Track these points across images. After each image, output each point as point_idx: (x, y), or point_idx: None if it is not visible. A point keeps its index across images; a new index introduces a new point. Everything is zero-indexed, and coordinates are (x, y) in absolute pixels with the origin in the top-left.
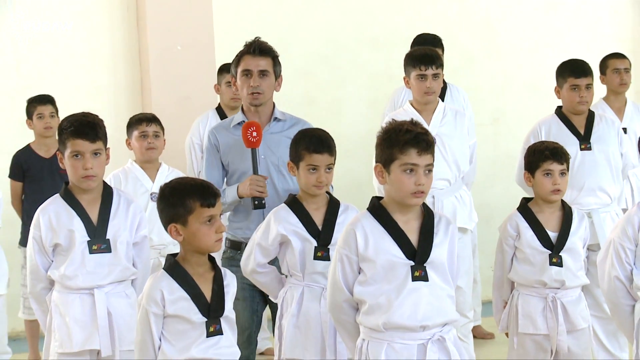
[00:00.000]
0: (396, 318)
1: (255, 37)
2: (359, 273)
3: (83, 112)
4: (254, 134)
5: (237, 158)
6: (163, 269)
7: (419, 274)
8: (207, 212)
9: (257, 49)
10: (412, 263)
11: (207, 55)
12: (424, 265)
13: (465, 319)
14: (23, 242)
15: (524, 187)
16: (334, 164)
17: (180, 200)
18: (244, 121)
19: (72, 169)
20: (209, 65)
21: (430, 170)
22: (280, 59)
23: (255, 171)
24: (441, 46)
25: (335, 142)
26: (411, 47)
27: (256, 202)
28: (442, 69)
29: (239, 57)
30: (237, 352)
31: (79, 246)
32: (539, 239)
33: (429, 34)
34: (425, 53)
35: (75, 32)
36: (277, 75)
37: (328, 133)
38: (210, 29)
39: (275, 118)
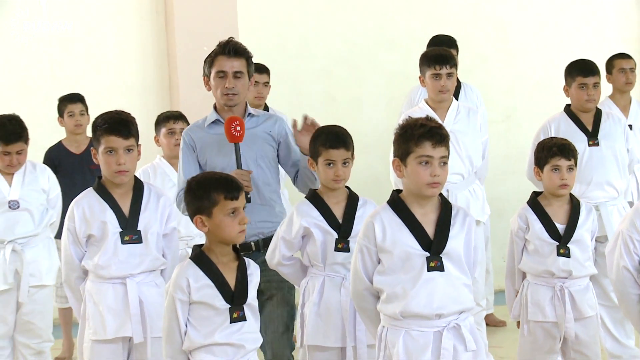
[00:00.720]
0: (412, 307)
1: (229, 38)
2: (378, 263)
3: (116, 110)
4: (238, 128)
5: (214, 155)
6: (189, 258)
7: (435, 264)
8: (231, 205)
9: (232, 50)
10: (428, 254)
11: None
12: (440, 256)
13: (479, 307)
14: (58, 234)
15: (534, 181)
16: (350, 159)
17: (206, 193)
18: (218, 120)
19: (106, 164)
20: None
21: (445, 163)
22: (302, 59)
23: (239, 166)
24: (456, 47)
25: (352, 138)
26: (427, 47)
27: None
28: (456, 69)
29: (212, 58)
30: (259, 338)
31: (111, 237)
32: (547, 231)
33: (444, 35)
34: (439, 53)
35: (106, 34)
36: (250, 76)
37: (345, 129)
38: (235, 31)
39: (249, 114)
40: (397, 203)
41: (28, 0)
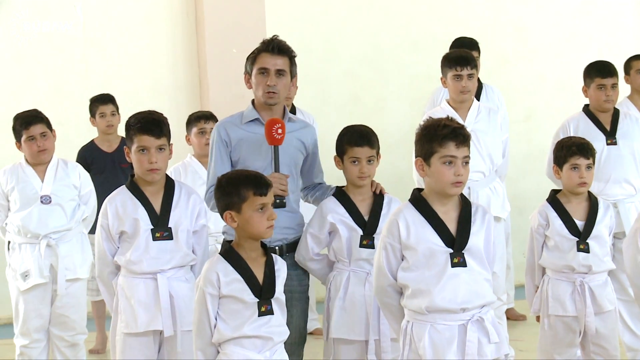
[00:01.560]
0: (438, 301)
1: (273, 35)
2: (402, 260)
3: (149, 110)
4: (279, 131)
5: (250, 154)
6: (219, 253)
7: (458, 260)
8: (260, 200)
9: (276, 47)
10: (451, 250)
11: None
12: (462, 252)
13: (500, 301)
14: (92, 230)
15: (553, 179)
16: (375, 157)
17: (235, 189)
18: (258, 119)
19: (138, 163)
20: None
21: (467, 162)
22: (327, 61)
23: (277, 169)
24: (477, 49)
25: (378, 137)
26: (450, 49)
27: (277, 201)
28: (477, 70)
29: (255, 55)
30: (287, 331)
31: (143, 234)
32: (567, 228)
33: (466, 37)
34: (460, 55)
35: (138, 37)
36: (293, 75)
37: (370, 128)
38: (263, 33)
39: (290, 119)
40: (419, 201)
41: (63, 4)
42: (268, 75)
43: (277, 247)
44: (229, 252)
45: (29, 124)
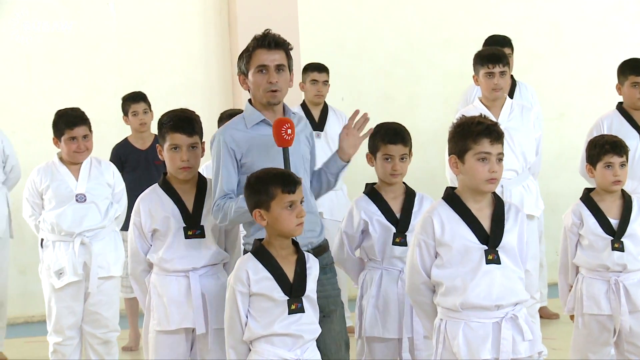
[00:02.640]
0: (472, 298)
1: (266, 30)
2: (436, 257)
3: (181, 108)
4: (289, 131)
5: (260, 159)
6: (250, 252)
7: (492, 257)
8: (288, 198)
9: (272, 42)
10: (486, 247)
11: (292, 55)
12: (496, 249)
13: (533, 299)
14: (124, 227)
15: (586, 178)
16: (408, 155)
17: (264, 187)
18: (263, 120)
19: (171, 161)
20: (295, 65)
21: (501, 159)
22: (360, 59)
23: None
24: (510, 46)
25: (410, 135)
26: (483, 47)
27: None
28: (509, 67)
29: (250, 52)
30: (318, 329)
31: (175, 232)
32: (601, 226)
33: (499, 35)
34: (492, 52)
35: (172, 35)
36: (291, 70)
37: (403, 126)
38: (295, 32)
39: (293, 114)
40: (453, 199)
41: (96, 2)
42: (268, 72)
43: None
44: (260, 250)
45: (74, 124)
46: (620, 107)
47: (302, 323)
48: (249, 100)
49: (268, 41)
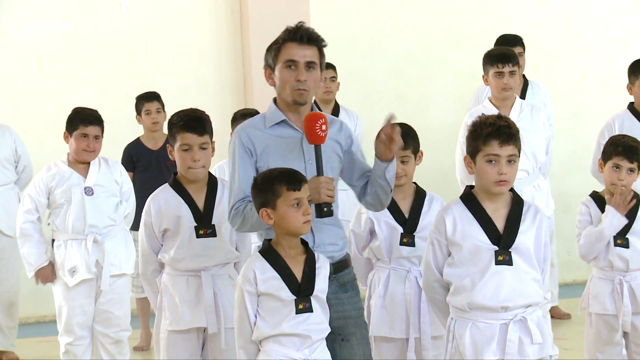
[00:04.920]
0: (479, 298)
1: (299, 22)
2: (449, 256)
3: (192, 108)
4: (324, 127)
5: (278, 162)
6: (258, 251)
7: (503, 258)
8: (294, 195)
9: (305, 36)
10: (496, 248)
11: None
12: (509, 250)
13: (544, 300)
14: (134, 226)
15: (598, 178)
16: (412, 157)
17: (269, 186)
18: (284, 120)
19: (181, 161)
20: None
21: (514, 161)
22: (372, 58)
23: (320, 172)
24: (522, 45)
25: (418, 137)
26: (494, 46)
27: (325, 209)
28: (519, 67)
29: (279, 45)
30: (327, 329)
31: (186, 231)
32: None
33: (510, 34)
34: (501, 52)
35: (183, 35)
36: (322, 68)
37: (407, 128)
38: None
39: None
40: (469, 198)
41: (109, 2)
42: (297, 68)
43: None
44: (268, 250)
45: (89, 122)
46: (631, 106)
47: (311, 323)
48: (274, 99)
49: (300, 35)
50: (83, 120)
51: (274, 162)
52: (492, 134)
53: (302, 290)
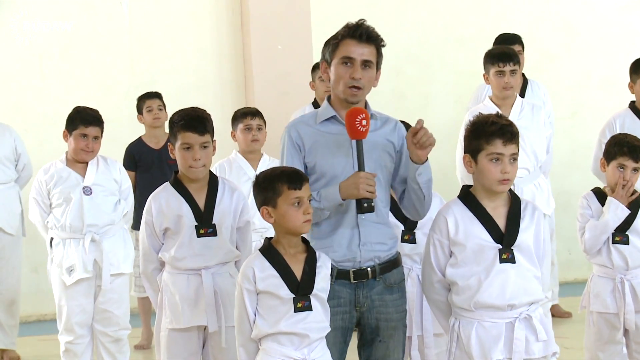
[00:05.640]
0: (485, 298)
1: (360, 20)
2: (450, 256)
3: (192, 107)
4: (364, 122)
5: (328, 157)
6: (259, 250)
7: (507, 256)
8: (294, 194)
9: (364, 34)
10: (500, 246)
11: (305, 54)
12: (511, 248)
13: (545, 298)
14: (135, 226)
15: (599, 176)
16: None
17: (270, 184)
18: (334, 116)
19: (182, 160)
20: (307, 64)
21: (515, 159)
22: None
23: (361, 167)
24: (520, 43)
25: None
26: (493, 45)
27: (365, 205)
28: (520, 66)
29: (338, 41)
30: (326, 328)
31: (187, 230)
32: None
33: (509, 33)
34: (502, 51)
35: (184, 34)
36: (379, 68)
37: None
38: (308, 31)
39: (372, 115)
40: (468, 197)
41: (110, 3)
42: (353, 66)
43: (368, 269)
44: (268, 248)
45: (89, 123)
46: (632, 105)
47: (309, 322)
48: (328, 97)
49: (360, 32)
50: (83, 121)
51: (322, 157)
52: (495, 133)
53: (301, 289)
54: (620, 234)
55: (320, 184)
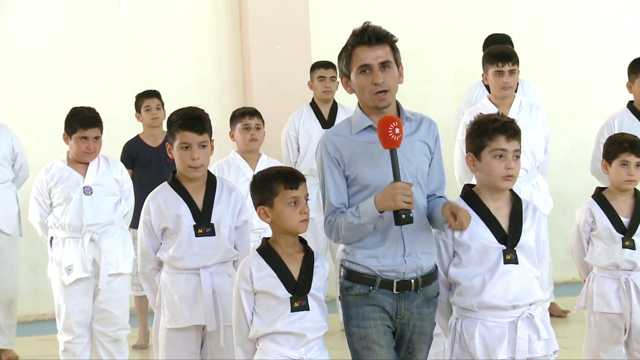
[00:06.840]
0: (489, 298)
1: (365, 23)
2: (454, 256)
3: (191, 107)
4: (397, 130)
5: (366, 170)
6: (256, 250)
7: (510, 257)
8: (291, 194)
9: (373, 36)
10: (504, 247)
11: (303, 54)
12: (514, 249)
13: (545, 298)
14: (133, 224)
15: (598, 176)
16: None
17: (267, 184)
18: (371, 125)
19: (180, 159)
20: (306, 64)
21: (517, 156)
22: None
23: (396, 177)
24: (510, 43)
25: None
26: (484, 46)
27: (403, 216)
28: (518, 66)
29: (349, 52)
30: (324, 328)
31: (185, 230)
32: (612, 224)
33: (498, 33)
34: (502, 51)
35: (183, 33)
36: (399, 64)
37: None
38: (306, 31)
39: (406, 117)
40: (471, 197)
41: (108, 2)
42: (372, 72)
43: (412, 280)
44: (265, 248)
45: (88, 125)
46: (630, 105)
47: (306, 321)
48: (358, 104)
49: (368, 36)
50: (82, 124)
51: (364, 169)
52: (498, 129)
53: (298, 289)
54: (628, 239)
55: (364, 195)
